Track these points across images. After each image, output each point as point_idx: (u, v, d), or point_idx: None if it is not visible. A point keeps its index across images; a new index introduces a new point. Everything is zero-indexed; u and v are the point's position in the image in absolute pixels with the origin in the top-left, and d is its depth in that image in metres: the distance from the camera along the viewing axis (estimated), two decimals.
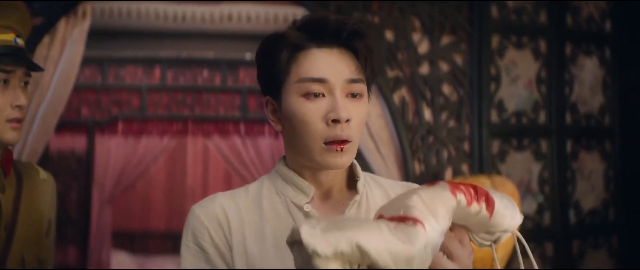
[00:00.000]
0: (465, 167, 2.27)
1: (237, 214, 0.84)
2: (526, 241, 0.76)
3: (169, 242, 4.65)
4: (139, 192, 4.57)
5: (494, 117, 2.31)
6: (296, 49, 0.81)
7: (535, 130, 2.39)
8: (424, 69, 2.25)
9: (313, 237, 0.60)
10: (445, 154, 2.25)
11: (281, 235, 0.81)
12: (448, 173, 2.24)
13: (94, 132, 3.22)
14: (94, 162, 3.28)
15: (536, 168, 2.39)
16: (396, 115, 2.17)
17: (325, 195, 0.87)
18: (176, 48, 2.94)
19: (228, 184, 4.81)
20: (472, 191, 0.70)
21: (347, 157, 0.82)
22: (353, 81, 0.81)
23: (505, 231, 0.75)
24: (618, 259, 2.56)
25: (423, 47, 2.25)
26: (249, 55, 3.07)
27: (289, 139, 0.86)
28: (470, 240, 0.76)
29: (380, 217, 0.67)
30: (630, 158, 2.61)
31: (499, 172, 2.29)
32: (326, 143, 0.80)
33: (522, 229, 2.19)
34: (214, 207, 0.85)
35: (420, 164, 2.22)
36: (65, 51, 1.94)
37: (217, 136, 3.49)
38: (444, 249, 0.71)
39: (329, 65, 0.81)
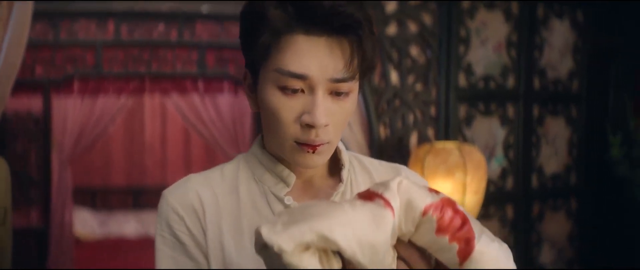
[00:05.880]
0: (431, 132, 2.24)
1: (213, 201, 0.76)
2: (488, 204, 0.68)
3: (130, 197, 4.67)
4: (99, 150, 4.52)
5: (462, 81, 2.26)
6: (279, 33, 0.69)
7: (502, 95, 2.36)
8: (392, 29, 2.15)
9: (276, 235, 0.56)
10: (411, 118, 2.20)
11: None
12: (413, 137, 2.20)
13: (50, 91, 3.07)
14: (52, 122, 3.16)
15: (501, 133, 2.38)
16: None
17: (307, 183, 0.79)
18: (129, 1, 2.76)
19: (186, 142, 4.77)
20: (455, 223, 0.60)
21: (320, 158, 0.73)
22: (339, 80, 0.69)
23: None
24: (575, 220, 2.63)
25: (391, 6, 2.14)
26: (205, 8, 2.91)
27: (264, 124, 0.77)
28: None
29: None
30: (594, 124, 2.63)
31: (464, 137, 2.27)
32: (298, 143, 0.72)
33: (485, 192, 2.20)
34: (187, 193, 0.76)
35: (386, 128, 2.17)
36: (15, 9, 1.77)
37: (175, 94, 3.39)
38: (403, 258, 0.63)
39: (313, 58, 0.68)
